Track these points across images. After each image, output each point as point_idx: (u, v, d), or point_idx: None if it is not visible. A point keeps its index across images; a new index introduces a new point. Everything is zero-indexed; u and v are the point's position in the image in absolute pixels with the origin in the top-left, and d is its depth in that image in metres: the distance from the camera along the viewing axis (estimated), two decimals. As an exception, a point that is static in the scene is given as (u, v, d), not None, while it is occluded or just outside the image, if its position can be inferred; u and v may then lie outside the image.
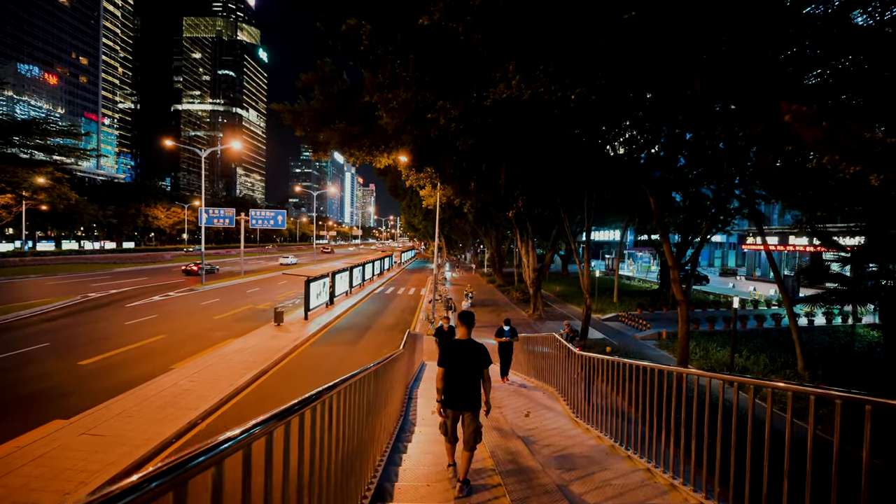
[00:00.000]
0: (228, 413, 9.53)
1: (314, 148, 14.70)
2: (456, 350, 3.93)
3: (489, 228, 38.47)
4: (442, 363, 3.95)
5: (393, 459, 4.53)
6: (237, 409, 9.79)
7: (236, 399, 10.39)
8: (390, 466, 4.26)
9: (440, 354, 3.99)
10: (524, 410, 6.88)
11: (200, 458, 1.16)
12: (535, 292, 22.55)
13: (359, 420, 3.31)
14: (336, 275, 25.27)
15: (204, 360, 12.96)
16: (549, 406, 7.25)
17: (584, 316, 15.77)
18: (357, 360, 13.97)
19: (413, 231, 49.79)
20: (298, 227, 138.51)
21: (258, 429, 1.52)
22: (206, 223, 36.42)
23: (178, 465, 1.06)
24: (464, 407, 3.86)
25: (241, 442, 1.38)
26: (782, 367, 12.98)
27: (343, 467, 2.75)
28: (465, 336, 4.00)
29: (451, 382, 3.90)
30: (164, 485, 0.99)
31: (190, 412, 9.08)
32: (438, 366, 3.99)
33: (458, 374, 3.88)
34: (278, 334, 16.78)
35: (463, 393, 3.86)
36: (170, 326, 17.66)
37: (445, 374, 3.92)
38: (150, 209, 79.93)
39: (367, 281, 35.15)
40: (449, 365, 3.91)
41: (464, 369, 3.87)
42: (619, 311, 22.84)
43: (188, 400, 9.77)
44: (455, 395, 3.88)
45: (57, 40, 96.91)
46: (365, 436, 3.53)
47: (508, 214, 15.70)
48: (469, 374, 3.88)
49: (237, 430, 1.41)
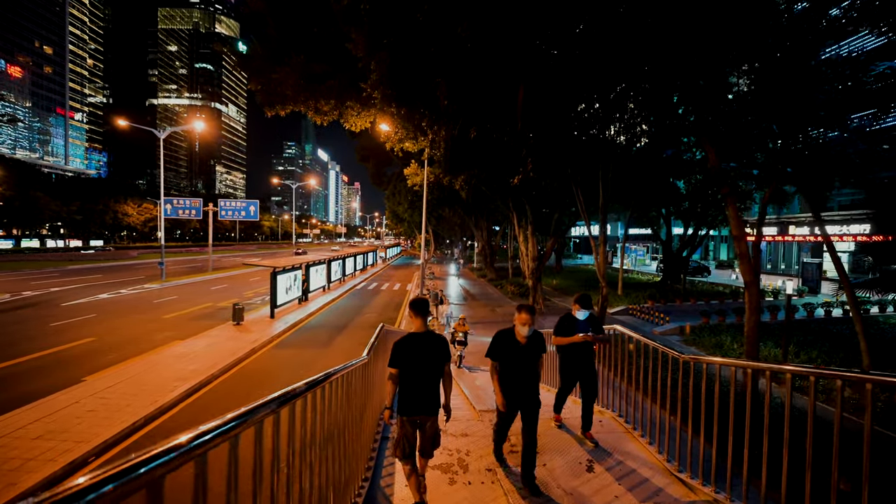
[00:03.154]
0: (140, 442, 6.87)
1: (269, 100, 11.94)
2: (412, 346, 3.35)
3: (479, 219, 36.04)
4: (395, 363, 3.36)
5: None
6: (151, 438, 7.13)
7: (157, 422, 7.73)
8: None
9: (392, 352, 3.37)
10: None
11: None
12: (535, 284, 20.19)
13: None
14: (311, 268, 22.52)
15: (130, 369, 10.21)
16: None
17: (599, 307, 13.44)
18: (327, 363, 11.36)
19: (398, 222, 47.02)
20: (280, 224, 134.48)
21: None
22: (169, 214, 33.39)
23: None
24: (422, 411, 3.32)
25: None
26: (843, 363, 10.87)
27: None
28: (421, 328, 3.44)
29: (408, 384, 3.34)
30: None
31: (77, 447, 6.40)
32: (390, 367, 3.38)
33: (415, 374, 3.34)
34: (236, 335, 14.05)
35: (422, 395, 3.33)
36: (105, 328, 14.78)
37: (400, 375, 3.36)
38: (120, 206, 75.62)
39: (347, 276, 32.40)
40: (404, 365, 3.33)
41: (422, 368, 3.33)
42: (627, 304, 20.63)
43: (83, 427, 7.07)
44: (413, 399, 3.33)
45: (16, 26, 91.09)
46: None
47: (513, 181, 13.15)
48: (428, 373, 3.35)
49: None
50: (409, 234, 73.14)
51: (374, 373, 4.64)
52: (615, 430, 4.57)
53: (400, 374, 3.35)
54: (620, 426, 4.65)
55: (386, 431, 4.85)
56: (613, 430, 4.55)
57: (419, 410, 3.31)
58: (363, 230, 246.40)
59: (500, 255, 51.68)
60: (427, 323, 3.49)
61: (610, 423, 4.77)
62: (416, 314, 3.47)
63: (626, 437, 4.38)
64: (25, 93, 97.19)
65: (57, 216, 65.86)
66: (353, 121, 12.26)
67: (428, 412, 3.33)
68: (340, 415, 2.97)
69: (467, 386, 8.17)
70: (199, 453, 1.23)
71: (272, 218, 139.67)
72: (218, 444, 1.34)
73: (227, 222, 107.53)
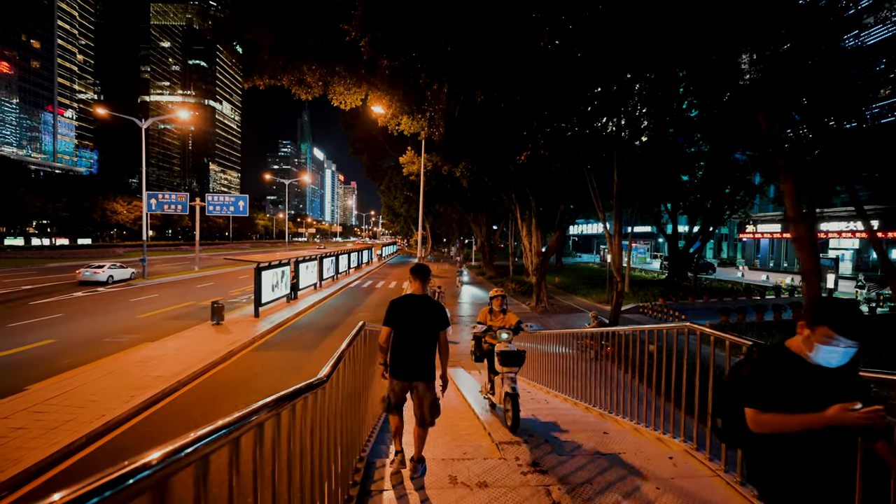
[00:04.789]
0: (74, 469, 5.56)
1: (247, 68, 10.59)
2: (408, 307, 3.22)
3: (479, 214, 34.81)
4: (389, 322, 3.23)
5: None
6: (89, 464, 5.83)
7: (101, 442, 6.43)
8: None
9: (388, 311, 3.26)
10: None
11: None
12: (539, 280, 18.97)
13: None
14: (301, 264, 21.19)
15: (84, 376, 8.87)
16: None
17: (613, 303, 12.24)
18: (312, 370, 10.03)
19: (394, 218, 45.66)
20: (275, 223, 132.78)
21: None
22: (154, 209, 32.02)
23: None
24: (415, 376, 3.20)
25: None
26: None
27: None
28: (419, 291, 3.33)
29: (401, 347, 3.21)
30: None
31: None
32: (384, 325, 3.25)
33: (409, 336, 3.20)
34: (213, 336, 12.72)
35: (415, 359, 3.20)
36: (69, 328, 13.42)
37: (394, 336, 3.23)
38: (109, 203, 73.77)
39: (341, 274, 31.05)
40: (398, 324, 3.21)
41: (417, 331, 3.21)
42: (637, 302, 19.46)
43: (1, 453, 5.74)
44: (405, 363, 3.21)
45: (0, 19, 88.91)
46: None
47: (520, 158, 11.72)
48: (423, 336, 3.22)
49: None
50: (406, 232, 71.87)
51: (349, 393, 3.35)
52: (695, 472, 3.30)
53: (392, 335, 3.24)
54: (705, 469, 3.34)
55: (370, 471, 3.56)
56: (694, 474, 3.28)
57: (412, 375, 3.21)
58: (359, 229, 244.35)
59: (498, 254, 50.41)
60: (426, 288, 3.41)
61: (686, 461, 3.50)
62: (416, 276, 3.39)
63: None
64: (13, 88, 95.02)
65: (42, 213, 64.05)
66: (343, 97, 10.92)
67: (417, 377, 3.22)
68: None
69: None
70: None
71: (267, 217, 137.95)
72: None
73: (220, 221, 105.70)
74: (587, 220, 63.70)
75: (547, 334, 7.86)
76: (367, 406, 4.09)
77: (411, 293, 3.37)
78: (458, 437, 4.43)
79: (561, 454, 3.66)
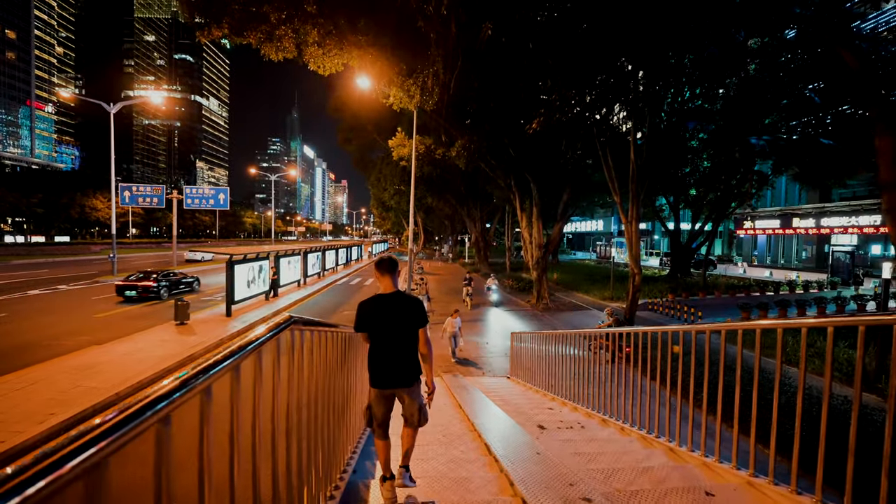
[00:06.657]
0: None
1: (198, 6, 8.88)
2: (379, 307, 2.75)
3: (473, 208, 33.40)
4: (361, 327, 2.78)
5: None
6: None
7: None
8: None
9: (357, 315, 2.80)
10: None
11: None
12: (540, 276, 17.61)
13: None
14: (283, 259, 19.59)
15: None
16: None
17: (629, 299, 10.89)
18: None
19: (385, 211, 43.93)
20: (263, 221, 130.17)
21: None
22: (128, 202, 30.10)
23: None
24: (397, 383, 2.73)
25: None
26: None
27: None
28: (390, 289, 2.82)
29: (377, 352, 2.75)
30: None
31: None
32: (356, 331, 2.86)
33: (384, 340, 2.74)
34: (175, 337, 11.12)
35: (394, 365, 2.72)
36: (9, 329, 11.75)
37: (370, 342, 2.81)
38: (88, 199, 71.03)
39: (328, 271, 29.43)
40: (371, 329, 2.75)
41: (392, 333, 2.73)
42: (644, 299, 18.17)
43: None
44: (384, 369, 2.72)
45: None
46: None
47: (531, 127, 10.20)
48: (400, 338, 2.74)
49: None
50: (397, 230, 70.14)
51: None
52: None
53: (369, 341, 2.81)
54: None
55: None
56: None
57: (392, 383, 2.75)
58: (350, 228, 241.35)
59: (492, 251, 49.00)
60: (396, 283, 2.87)
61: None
62: (384, 272, 2.84)
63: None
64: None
65: (16, 209, 61.29)
66: (320, 60, 9.40)
67: (399, 384, 2.76)
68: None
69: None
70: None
71: (255, 215, 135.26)
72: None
73: (206, 219, 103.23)
74: (582, 216, 62.66)
75: (561, 335, 6.46)
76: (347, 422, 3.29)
77: (381, 292, 2.88)
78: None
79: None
